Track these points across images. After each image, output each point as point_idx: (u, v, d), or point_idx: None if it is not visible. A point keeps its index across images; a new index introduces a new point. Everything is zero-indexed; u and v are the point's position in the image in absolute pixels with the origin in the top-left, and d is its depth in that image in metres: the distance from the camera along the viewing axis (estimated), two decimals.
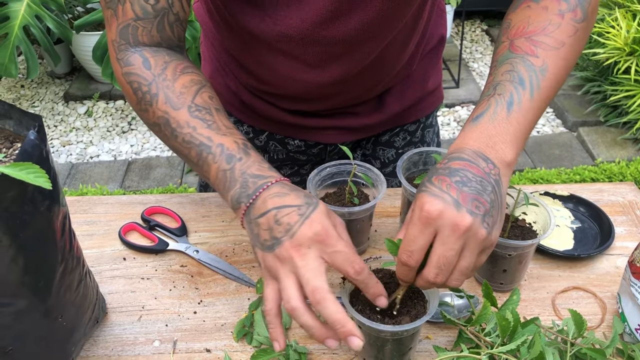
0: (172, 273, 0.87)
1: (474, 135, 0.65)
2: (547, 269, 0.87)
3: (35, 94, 3.37)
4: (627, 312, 0.75)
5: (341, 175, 0.89)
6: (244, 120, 1.05)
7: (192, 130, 0.71)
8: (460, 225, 0.58)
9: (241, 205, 0.66)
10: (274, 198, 0.65)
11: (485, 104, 0.67)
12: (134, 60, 0.74)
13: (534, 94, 0.67)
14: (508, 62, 0.69)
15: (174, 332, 0.78)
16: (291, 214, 0.63)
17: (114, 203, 1.00)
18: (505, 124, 0.65)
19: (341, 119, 1.01)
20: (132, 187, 2.60)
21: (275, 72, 0.91)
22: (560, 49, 0.69)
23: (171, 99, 0.72)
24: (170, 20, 0.75)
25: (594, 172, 2.58)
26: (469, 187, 0.60)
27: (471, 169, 0.61)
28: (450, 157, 0.64)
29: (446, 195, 0.59)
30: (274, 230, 0.63)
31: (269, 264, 0.64)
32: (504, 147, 0.64)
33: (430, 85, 1.06)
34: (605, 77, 3.03)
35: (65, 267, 0.66)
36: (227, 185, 0.68)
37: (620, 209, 0.98)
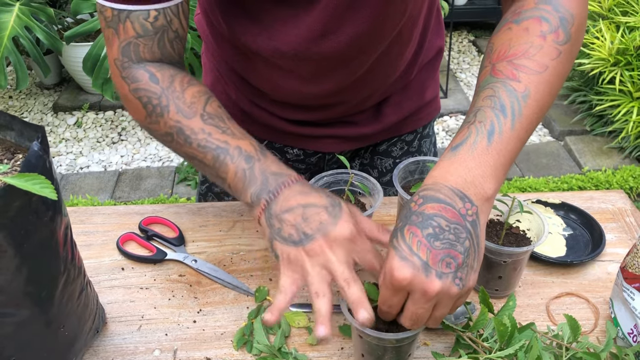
0: (170, 282, 0.87)
1: (451, 168, 0.63)
2: (540, 275, 0.89)
3: (24, 105, 3.35)
4: (619, 317, 0.77)
5: (338, 185, 0.90)
6: (244, 129, 1.06)
7: (207, 136, 0.73)
8: (429, 291, 0.59)
9: (261, 200, 0.69)
10: (297, 196, 0.68)
11: (465, 131, 0.65)
12: (141, 76, 0.76)
13: (515, 123, 0.64)
14: (489, 86, 0.67)
15: (174, 341, 0.79)
16: (321, 213, 0.66)
17: (112, 213, 1.00)
18: (485, 155, 0.63)
19: (340, 128, 1.02)
20: (122, 198, 2.59)
21: (273, 83, 0.92)
22: (543, 73, 0.66)
23: (182, 109, 0.74)
24: (170, 37, 0.77)
25: (581, 180, 2.61)
26: (441, 242, 0.59)
27: (446, 213, 0.60)
28: (425, 195, 0.62)
29: (415, 258, 0.59)
30: (302, 226, 0.65)
31: (293, 257, 0.65)
32: (483, 182, 0.62)
33: (428, 96, 1.08)
34: (591, 87, 3.08)
35: (68, 277, 0.67)
36: (246, 183, 0.70)
37: (611, 216, 1.00)
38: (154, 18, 0.74)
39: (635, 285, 0.73)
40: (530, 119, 0.65)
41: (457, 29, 4.26)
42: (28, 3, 2.57)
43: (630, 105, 2.73)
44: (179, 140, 0.75)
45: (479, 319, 0.69)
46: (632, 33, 2.79)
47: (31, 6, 2.57)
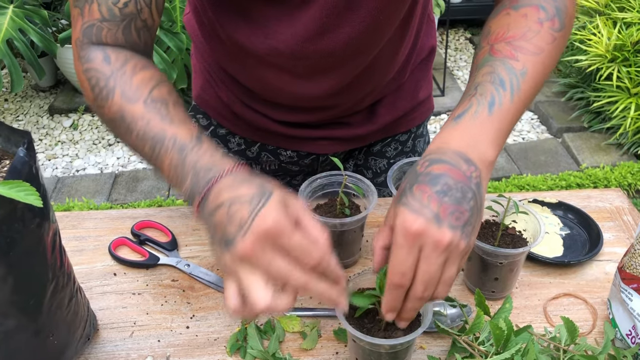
0: (163, 288, 0.86)
1: (455, 134, 0.65)
2: (537, 276, 0.88)
3: (20, 108, 3.34)
4: (617, 318, 0.76)
5: (332, 187, 0.89)
6: (236, 131, 1.05)
7: (145, 124, 0.67)
8: (442, 242, 0.58)
9: (195, 199, 0.62)
10: (227, 190, 0.60)
11: (466, 103, 0.67)
12: (95, 56, 0.72)
13: (514, 96, 0.67)
14: (488, 64, 0.70)
15: (166, 347, 0.78)
16: (242, 209, 0.58)
17: (104, 218, 0.99)
18: (486, 123, 0.65)
19: (333, 129, 1.01)
20: (119, 200, 2.58)
21: (266, 84, 0.91)
22: (539, 55, 0.70)
23: (127, 93, 0.69)
24: (138, 26, 0.73)
25: (579, 177, 2.60)
26: (449, 197, 0.60)
27: (452, 174, 0.61)
28: (431, 158, 0.63)
29: (427, 210, 0.59)
30: (227, 226, 0.58)
31: (226, 263, 0.59)
32: (485, 147, 0.64)
33: (421, 96, 1.07)
34: (588, 83, 3.07)
35: (56, 285, 0.66)
36: (180, 179, 0.64)
37: (608, 215, 0.99)
38: (123, 4, 0.71)
39: (633, 286, 0.72)
40: (527, 94, 0.68)
41: (454, 26, 4.25)
42: (22, 5, 2.56)
43: (628, 102, 2.72)
44: (121, 129, 0.69)
45: (475, 323, 0.68)
46: (629, 29, 2.78)
47: (25, 9, 2.56)
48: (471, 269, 0.83)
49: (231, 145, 1.06)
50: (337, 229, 0.84)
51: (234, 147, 1.06)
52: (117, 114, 0.69)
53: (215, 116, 1.05)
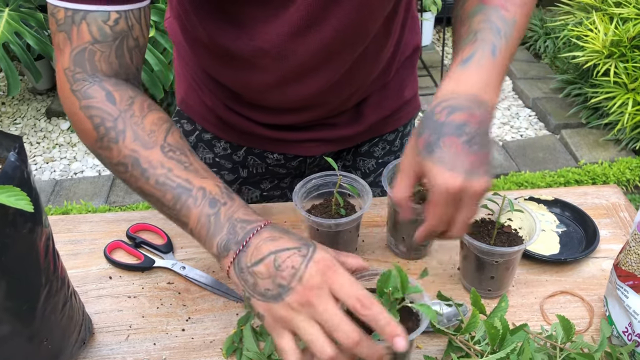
0: (159, 290, 0.86)
1: (465, 78, 0.67)
2: (534, 274, 0.88)
3: (17, 111, 3.34)
4: (614, 315, 0.76)
5: (327, 187, 0.89)
6: (222, 136, 1.04)
7: (167, 172, 0.66)
8: (478, 192, 0.63)
9: (230, 252, 0.62)
10: (267, 243, 0.61)
11: (470, 48, 0.70)
12: (95, 92, 0.68)
13: (508, 43, 0.71)
14: (482, 12, 0.72)
15: (162, 350, 0.77)
16: (292, 257, 0.60)
17: (99, 221, 0.99)
18: (491, 69, 0.68)
19: (319, 131, 1.01)
20: (117, 203, 2.58)
21: (252, 87, 0.90)
22: (524, 7, 0.73)
23: (141, 137, 0.67)
24: (130, 46, 0.70)
25: (577, 173, 2.60)
26: (476, 146, 0.63)
27: (472, 120, 0.64)
28: (449, 105, 0.65)
29: (460, 164, 0.62)
30: (276, 277, 0.59)
31: (279, 315, 0.59)
32: (490, 91, 0.67)
33: (407, 94, 1.06)
34: (586, 79, 3.06)
35: (50, 289, 0.65)
36: (211, 231, 0.64)
37: (604, 212, 0.99)
38: (114, 21, 0.67)
39: (629, 283, 0.72)
40: (515, 42, 0.72)
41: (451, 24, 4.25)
42: (17, 9, 2.55)
43: (626, 97, 2.72)
44: (134, 173, 0.67)
45: (470, 322, 0.68)
46: (626, 24, 2.77)
47: (21, 12, 2.56)
48: (467, 267, 0.83)
49: (217, 149, 1.06)
50: (332, 230, 0.84)
51: (220, 152, 1.06)
52: (128, 158, 0.67)
53: (200, 121, 1.04)
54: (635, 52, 2.75)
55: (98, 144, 0.69)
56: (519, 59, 3.65)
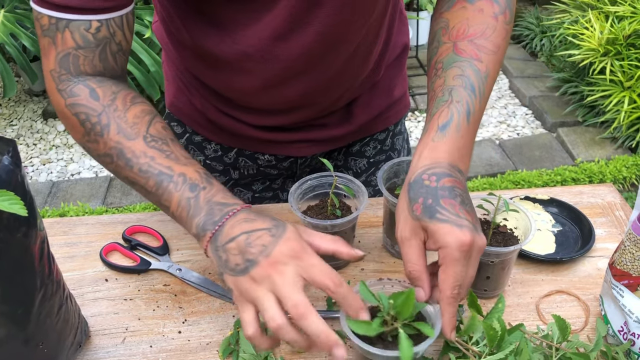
0: (155, 293, 0.86)
1: (445, 147, 0.69)
2: (530, 273, 0.88)
3: (13, 113, 3.33)
4: (609, 314, 0.76)
5: (322, 188, 0.89)
6: (212, 138, 1.04)
7: (149, 160, 0.70)
8: (483, 246, 0.65)
9: (207, 232, 0.66)
10: (242, 224, 0.65)
11: (447, 111, 0.71)
12: (79, 91, 0.71)
13: (481, 101, 0.72)
14: (456, 65, 0.73)
15: (158, 352, 0.77)
16: (263, 236, 0.64)
17: (95, 223, 0.98)
18: (467, 135, 0.70)
19: (309, 131, 1.00)
20: (114, 204, 2.57)
21: (239, 90, 0.90)
22: (497, 53, 0.74)
23: (124, 129, 0.71)
24: (113, 50, 0.73)
25: (574, 172, 2.61)
26: (468, 206, 0.66)
27: (458, 185, 0.67)
28: (434, 172, 0.67)
29: (465, 221, 0.64)
30: (246, 253, 0.63)
31: (243, 287, 0.63)
32: (466, 158, 0.71)
33: (397, 94, 1.06)
34: (582, 77, 3.07)
35: (45, 293, 0.65)
36: (190, 213, 0.68)
37: (600, 211, 0.99)
38: (95, 29, 0.70)
39: (624, 282, 0.72)
40: (487, 96, 0.74)
41: None
42: (13, 10, 2.55)
43: (622, 95, 2.73)
44: (119, 163, 0.71)
45: (470, 324, 0.68)
46: (621, 22, 2.78)
47: (16, 13, 2.55)
48: None
49: (208, 152, 1.06)
50: (328, 230, 0.84)
51: (211, 154, 1.06)
52: (114, 149, 0.71)
53: (189, 123, 1.04)
54: (631, 50, 2.75)
55: (85, 138, 0.73)
56: (515, 57, 3.66)
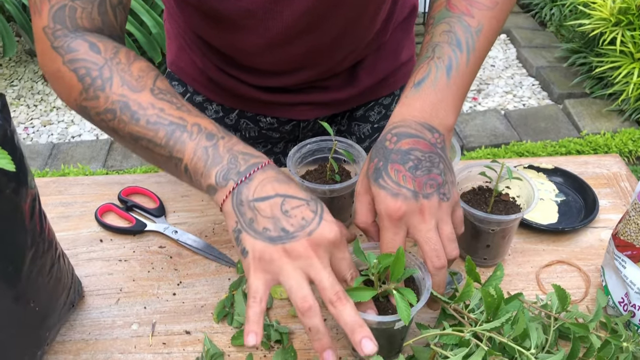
0: (150, 254, 0.85)
1: (417, 104, 0.68)
2: (531, 243, 0.86)
3: (14, 73, 3.30)
4: (610, 285, 0.75)
5: (322, 152, 0.87)
6: (213, 98, 1.01)
7: (158, 111, 0.64)
8: (422, 210, 0.64)
9: (229, 182, 0.60)
10: (274, 182, 0.60)
11: (425, 67, 0.69)
12: (78, 45, 0.65)
13: (470, 57, 0.70)
14: (445, 21, 0.71)
15: (152, 314, 0.77)
16: (302, 208, 0.59)
17: (90, 184, 0.97)
18: (445, 89, 0.68)
19: (313, 94, 0.98)
20: (115, 167, 2.56)
21: (240, 49, 0.88)
22: (494, 9, 0.72)
23: (129, 82, 0.65)
24: (113, 3, 0.68)
25: (579, 144, 2.58)
26: (421, 170, 0.64)
27: (419, 145, 0.65)
28: (398, 132, 0.66)
29: (404, 190, 0.63)
30: (281, 220, 0.58)
31: (269, 256, 0.58)
32: (445, 113, 0.68)
33: (403, 57, 1.03)
34: (591, 48, 3.01)
35: (36, 251, 0.64)
36: (209, 162, 0.61)
37: (605, 181, 0.97)
38: None
39: (627, 253, 0.71)
40: (481, 52, 0.71)
41: None
42: None
43: (631, 67, 2.68)
44: (122, 117, 0.64)
45: (465, 291, 0.67)
46: None
47: None
48: (462, 235, 0.81)
49: (208, 112, 1.03)
50: (326, 196, 0.82)
51: (212, 115, 1.03)
52: (117, 103, 0.64)
53: (190, 83, 1.02)
54: None
55: (83, 95, 0.66)
56: (523, 26, 3.59)
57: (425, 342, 0.66)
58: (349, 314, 0.57)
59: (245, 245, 0.59)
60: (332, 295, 0.57)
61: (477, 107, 2.97)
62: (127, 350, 0.72)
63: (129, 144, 0.67)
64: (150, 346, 0.73)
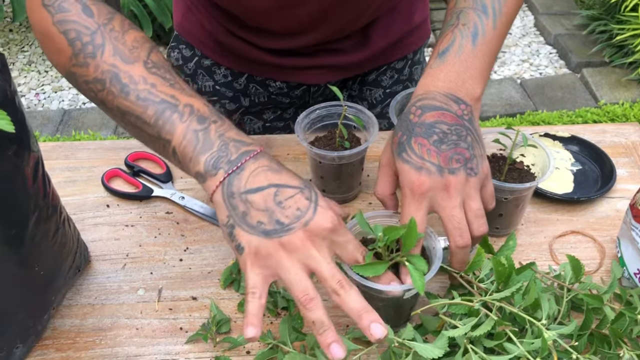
0: (157, 220, 0.84)
1: (442, 75, 0.65)
2: (545, 212, 0.84)
3: (25, 39, 3.28)
4: (626, 257, 0.73)
5: (331, 118, 0.85)
6: (221, 62, 0.99)
7: (150, 87, 0.60)
8: (447, 187, 0.61)
9: (219, 172, 0.57)
10: (267, 172, 0.57)
11: (450, 36, 0.67)
12: (70, 6, 0.63)
13: (496, 22, 0.67)
14: None
15: (159, 280, 0.76)
16: (296, 197, 0.56)
17: (97, 148, 0.96)
18: (471, 58, 0.66)
19: (324, 57, 0.95)
20: (125, 134, 2.55)
21: (250, 8, 0.85)
22: None
23: (122, 52, 0.62)
24: None
25: (596, 114, 2.52)
26: (447, 145, 0.62)
27: (445, 118, 0.63)
28: (422, 105, 0.64)
29: (428, 164, 0.61)
30: (275, 213, 0.55)
31: (265, 251, 0.55)
32: (472, 83, 0.65)
33: (417, 19, 1.00)
34: (612, 15, 2.92)
35: (40, 215, 0.63)
36: (199, 148, 0.58)
37: (623, 151, 0.94)
38: None
39: None
40: (508, 16, 0.68)
41: None
42: None
43: None
44: (112, 89, 0.61)
45: (475, 260, 0.65)
46: None
47: None
48: None
49: (217, 77, 1.01)
50: (335, 162, 0.80)
51: (220, 79, 1.01)
52: (107, 73, 0.61)
53: (198, 46, 0.99)
54: None
55: (72, 61, 0.63)
56: None
57: (434, 311, 0.65)
58: (354, 300, 0.55)
59: (240, 241, 0.56)
60: (335, 285, 0.55)
61: (493, 75, 2.91)
62: (134, 316, 0.72)
63: (117, 117, 0.64)
64: (156, 311, 0.72)
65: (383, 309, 0.65)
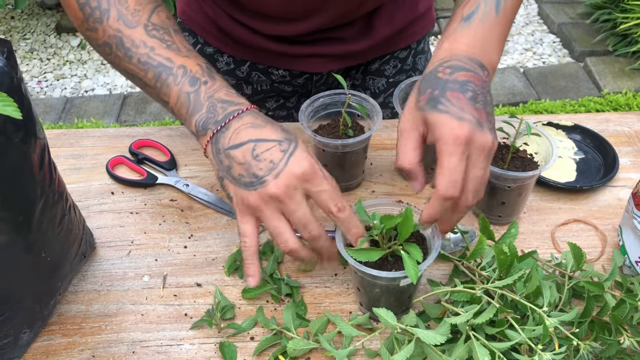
0: (161, 207, 0.85)
1: (465, 39, 0.66)
2: (547, 201, 0.85)
3: (27, 26, 3.27)
4: (627, 245, 0.73)
5: (335, 106, 0.85)
6: (224, 49, 0.99)
7: (149, 51, 0.65)
8: (487, 145, 0.59)
9: (207, 131, 0.63)
10: (249, 129, 0.61)
11: (473, 2, 0.67)
12: None
13: None
14: None
15: (163, 266, 0.77)
16: (272, 150, 0.60)
17: (101, 136, 0.96)
18: (494, 26, 0.66)
19: (327, 45, 0.95)
20: (128, 122, 2.55)
21: None
22: None
23: (125, 16, 0.66)
24: None
25: (599, 103, 2.52)
26: (480, 103, 0.61)
27: (475, 80, 0.62)
28: (451, 65, 0.63)
29: (468, 115, 0.59)
30: (252, 166, 0.60)
31: (248, 201, 0.61)
32: (492, 52, 0.66)
33: (421, 8, 0.99)
34: (616, 4, 2.91)
35: (46, 202, 0.64)
36: (190, 109, 0.64)
37: (626, 140, 0.94)
38: None
39: None
40: None
41: None
42: None
43: None
44: (118, 53, 0.67)
45: (477, 248, 0.66)
46: None
47: None
48: None
49: (220, 64, 1.01)
50: (339, 151, 0.81)
51: (223, 67, 1.01)
52: (113, 38, 0.66)
53: (201, 33, 0.99)
54: None
55: (85, 25, 0.68)
56: None
57: (436, 298, 0.65)
58: (324, 240, 0.63)
59: (229, 191, 0.63)
60: (307, 236, 0.61)
61: None
62: (139, 302, 0.73)
63: (129, 78, 0.69)
64: (161, 298, 0.73)
65: (383, 295, 0.66)
